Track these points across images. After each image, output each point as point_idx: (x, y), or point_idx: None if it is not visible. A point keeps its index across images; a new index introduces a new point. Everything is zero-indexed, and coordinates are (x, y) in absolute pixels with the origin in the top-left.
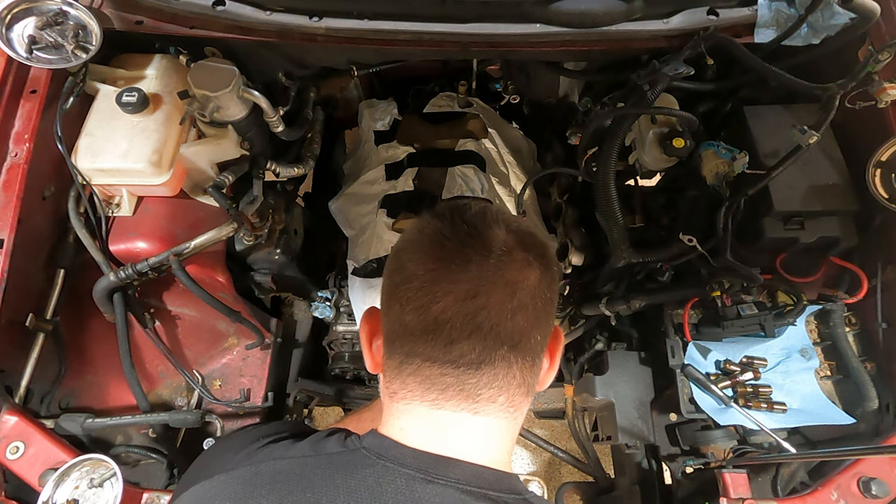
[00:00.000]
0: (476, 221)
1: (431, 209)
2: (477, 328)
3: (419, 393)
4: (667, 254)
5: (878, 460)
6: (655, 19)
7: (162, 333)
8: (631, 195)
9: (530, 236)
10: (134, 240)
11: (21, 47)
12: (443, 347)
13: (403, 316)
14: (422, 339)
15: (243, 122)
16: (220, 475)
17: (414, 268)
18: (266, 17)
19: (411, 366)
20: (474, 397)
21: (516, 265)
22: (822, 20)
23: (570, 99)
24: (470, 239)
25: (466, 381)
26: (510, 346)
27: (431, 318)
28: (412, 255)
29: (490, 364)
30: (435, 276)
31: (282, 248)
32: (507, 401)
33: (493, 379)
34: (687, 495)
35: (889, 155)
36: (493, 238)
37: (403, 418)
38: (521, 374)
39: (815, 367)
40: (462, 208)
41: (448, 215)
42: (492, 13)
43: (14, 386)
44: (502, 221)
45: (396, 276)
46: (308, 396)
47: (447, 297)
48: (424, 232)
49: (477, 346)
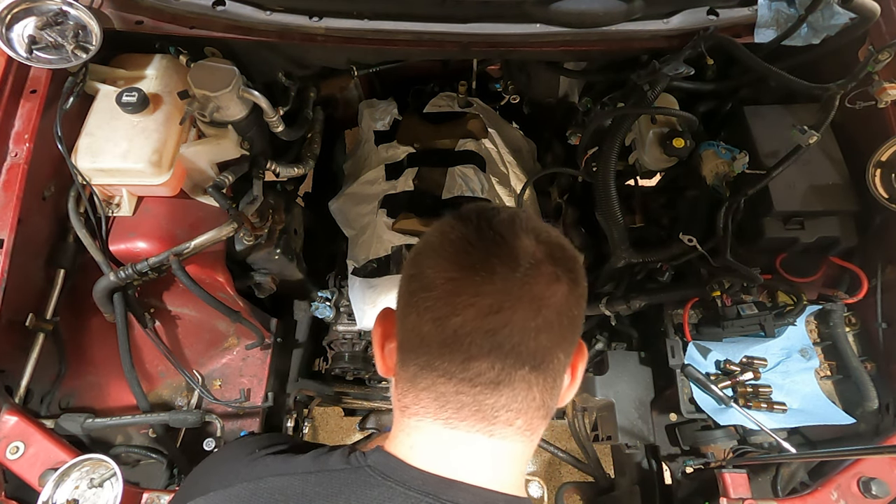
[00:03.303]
0: (504, 229)
1: (456, 211)
2: (498, 346)
3: (433, 410)
4: (667, 254)
5: (878, 460)
6: (655, 19)
7: (162, 333)
8: (631, 195)
9: (560, 248)
10: (134, 240)
11: (21, 47)
12: (460, 363)
13: (420, 326)
14: (438, 352)
15: (243, 122)
16: (216, 492)
17: (434, 275)
18: (266, 17)
19: (426, 380)
20: (490, 419)
21: (544, 280)
22: (822, 20)
23: (570, 99)
24: (496, 248)
25: (483, 402)
26: (532, 367)
27: (450, 331)
28: (433, 260)
29: (509, 385)
30: (456, 286)
31: (282, 248)
32: (524, 424)
33: (512, 400)
34: (687, 495)
35: (889, 155)
36: (522, 248)
37: (414, 435)
38: (542, 396)
39: (815, 367)
40: (490, 213)
41: (474, 219)
42: (492, 13)
43: (14, 386)
44: (532, 230)
45: (414, 283)
46: (308, 396)
47: (468, 311)
48: (448, 236)
49: (496, 365)
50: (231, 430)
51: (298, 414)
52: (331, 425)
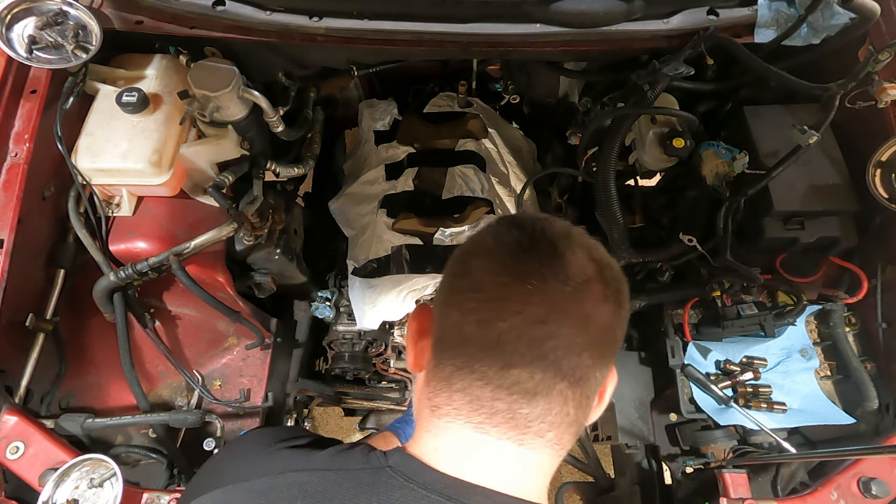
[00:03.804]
0: (558, 241)
1: (511, 215)
2: (541, 356)
3: (465, 412)
4: (667, 254)
5: (878, 460)
6: (655, 19)
7: (162, 333)
8: (631, 195)
9: (610, 269)
10: (134, 240)
11: (21, 47)
12: (499, 369)
13: (463, 326)
14: (479, 355)
15: (243, 122)
16: (234, 485)
17: (482, 276)
18: (266, 17)
19: (462, 381)
20: (523, 428)
21: (593, 298)
22: (822, 20)
23: (570, 99)
24: (550, 259)
25: (518, 410)
26: (570, 382)
27: (494, 335)
28: (483, 261)
29: (546, 396)
30: (507, 291)
31: (282, 248)
32: (555, 437)
33: (547, 413)
34: (687, 495)
35: (889, 155)
36: (574, 263)
37: (442, 436)
38: (575, 413)
39: (815, 367)
40: (545, 222)
41: (529, 227)
42: (492, 13)
43: (14, 386)
44: (585, 246)
45: (461, 281)
46: (308, 396)
47: (515, 318)
48: (501, 240)
49: (536, 375)
50: (231, 430)
51: (298, 414)
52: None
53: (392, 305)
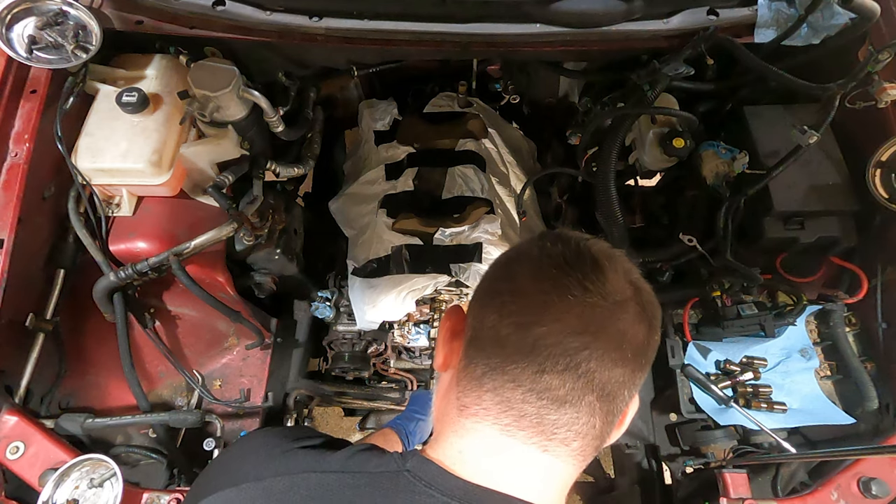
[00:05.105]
0: (601, 259)
1: (555, 231)
2: (574, 366)
3: (494, 413)
4: (667, 254)
5: (878, 460)
6: (655, 19)
7: (162, 333)
8: (631, 195)
9: (648, 293)
10: (134, 240)
11: (21, 47)
12: (532, 373)
13: (499, 327)
14: (512, 357)
15: (243, 122)
16: (248, 483)
17: (525, 282)
18: (266, 17)
19: (493, 381)
20: (549, 434)
21: (630, 317)
22: (822, 20)
23: (570, 99)
24: (592, 274)
25: (546, 416)
26: (599, 396)
27: (531, 339)
28: (528, 268)
29: (574, 406)
30: (547, 299)
31: (282, 248)
32: (579, 448)
33: (574, 422)
34: (687, 495)
35: (889, 155)
36: (614, 282)
37: (468, 438)
38: (600, 426)
39: (815, 367)
40: (589, 241)
41: (574, 242)
42: (492, 13)
43: (14, 386)
44: (625, 269)
45: (502, 284)
46: (308, 396)
47: (553, 325)
48: (546, 251)
49: (567, 384)
50: (231, 430)
51: (298, 414)
52: (331, 425)
53: (392, 305)
